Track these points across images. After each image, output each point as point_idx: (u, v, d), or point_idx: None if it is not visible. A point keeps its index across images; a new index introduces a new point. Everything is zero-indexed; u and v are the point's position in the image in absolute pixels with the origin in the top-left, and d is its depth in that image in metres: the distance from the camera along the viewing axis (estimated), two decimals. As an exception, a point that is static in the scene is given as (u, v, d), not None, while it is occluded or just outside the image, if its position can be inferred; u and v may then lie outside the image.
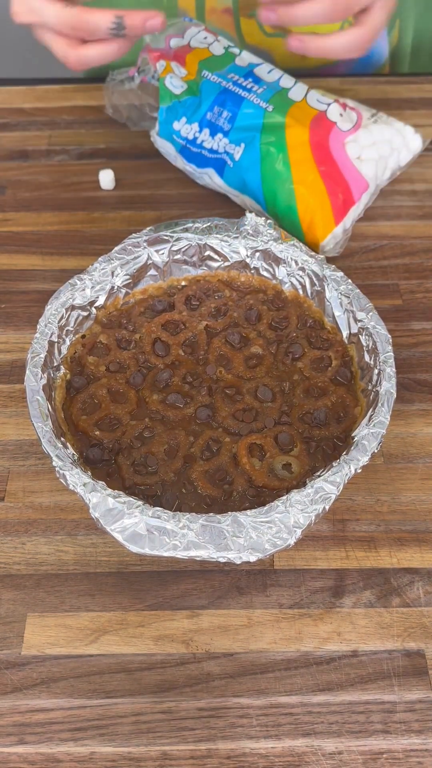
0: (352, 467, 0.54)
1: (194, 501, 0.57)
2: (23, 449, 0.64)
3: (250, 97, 0.74)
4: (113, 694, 0.53)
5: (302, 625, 0.55)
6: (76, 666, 0.54)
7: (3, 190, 0.82)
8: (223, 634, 0.55)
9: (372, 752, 0.50)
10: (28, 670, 0.54)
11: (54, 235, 0.78)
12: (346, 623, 0.55)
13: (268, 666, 0.54)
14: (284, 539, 0.51)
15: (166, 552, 0.50)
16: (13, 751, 0.51)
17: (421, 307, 0.72)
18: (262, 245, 0.68)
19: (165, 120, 0.78)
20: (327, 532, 0.59)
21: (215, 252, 0.69)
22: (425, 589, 0.57)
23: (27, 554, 0.58)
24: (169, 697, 0.52)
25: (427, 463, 0.63)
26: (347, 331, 0.64)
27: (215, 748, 0.51)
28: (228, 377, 0.64)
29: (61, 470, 0.53)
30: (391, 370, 0.59)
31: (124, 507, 0.51)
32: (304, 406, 0.62)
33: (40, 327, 0.62)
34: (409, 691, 0.53)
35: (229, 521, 0.51)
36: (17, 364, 0.69)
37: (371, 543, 0.59)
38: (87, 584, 0.57)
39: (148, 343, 0.65)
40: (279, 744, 0.51)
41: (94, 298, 0.66)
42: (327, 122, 0.73)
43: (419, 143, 0.78)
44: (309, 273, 0.67)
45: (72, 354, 0.64)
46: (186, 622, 0.55)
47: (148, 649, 0.54)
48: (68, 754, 0.50)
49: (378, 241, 0.77)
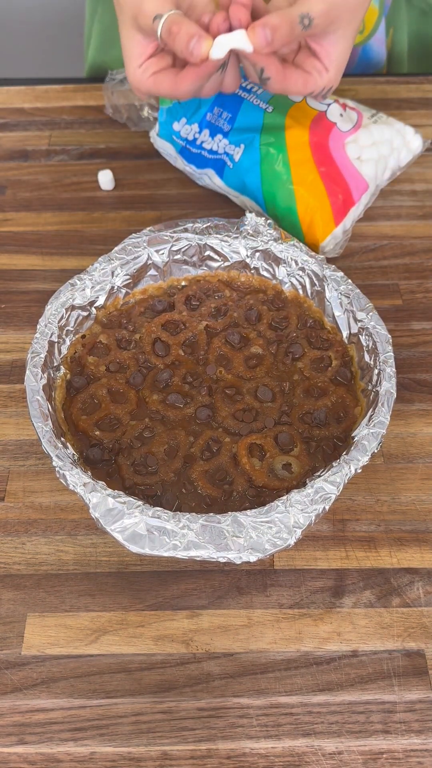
0: (352, 467, 0.54)
1: (194, 501, 0.57)
2: (23, 449, 0.64)
3: (250, 97, 0.74)
4: (113, 694, 0.53)
5: (302, 625, 0.55)
6: (76, 666, 0.54)
7: (3, 190, 0.82)
8: (223, 634, 0.55)
9: (372, 752, 0.50)
10: (28, 670, 0.54)
11: (54, 235, 0.78)
12: (346, 623, 0.55)
13: (268, 666, 0.54)
14: (284, 539, 0.51)
15: (166, 552, 0.50)
16: (13, 751, 0.51)
17: (421, 307, 0.72)
18: (262, 245, 0.68)
19: (165, 120, 0.78)
20: (327, 532, 0.59)
21: (215, 252, 0.69)
22: (425, 589, 0.57)
23: (27, 554, 0.58)
24: (169, 697, 0.52)
25: (427, 463, 0.63)
26: (347, 331, 0.64)
27: (215, 748, 0.51)
28: (228, 377, 0.64)
29: (61, 470, 0.53)
30: (391, 370, 0.59)
31: (124, 507, 0.51)
32: (304, 406, 0.62)
33: (40, 327, 0.62)
34: (409, 691, 0.53)
35: (229, 521, 0.51)
36: (17, 364, 0.69)
37: (371, 543, 0.59)
38: (87, 584, 0.57)
39: (148, 343, 0.65)
40: (279, 744, 0.51)
41: (94, 298, 0.66)
42: (327, 123, 0.73)
43: (419, 143, 0.78)
44: (309, 273, 0.67)
45: (72, 354, 0.64)
46: (186, 622, 0.55)
47: (148, 649, 0.54)
48: (68, 754, 0.50)
49: (378, 241, 0.77)
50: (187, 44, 0.60)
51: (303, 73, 0.65)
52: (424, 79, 0.91)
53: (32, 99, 0.90)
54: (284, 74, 0.64)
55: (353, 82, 0.90)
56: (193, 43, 0.60)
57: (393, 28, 0.93)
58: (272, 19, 0.60)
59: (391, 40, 0.94)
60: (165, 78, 0.64)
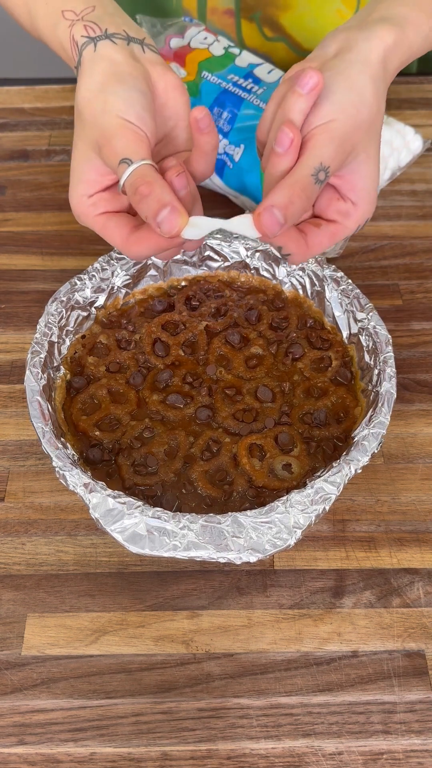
0: (352, 467, 0.54)
1: (194, 501, 0.57)
2: (23, 449, 0.64)
3: (250, 98, 0.74)
4: (113, 694, 0.53)
5: (302, 626, 0.55)
6: (76, 666, 0.54)
7: (3, 190, 0.82)
8: (223, 634, 0.55)
9: (372, 753, 0.50)
10: (28, 670, 0.54)
11: (54, 235, 0.78)
12: (347, 624, 0.55)
13: (268, 666, 0.54)
14: (284, 540, 0.51)
15: (166, 552, 0.50)
16: (13, 752, 0.51)
17: (421, 308, 0.72)
18: (262, 245, 0.68)
19: (165, 120, 0.78)
20: (327, 533, 0.59)
21: (215, 252, 0.69)
22: (425, 589, 0.57)
23: (27, 554, 0.58)
24: (170, 698, 0.52)
25: (427, 463, 0.63)
26: (347, 332, 0.64)
27: (215, 749, 0.51)
28: (228, 377, 0.64)
29: (61, 470, 0.53)
30: (391, 370, 0.59)
31: (124, 507, 0.51)
32: (304, 406, 0.62)
33: (40, 327, 0.62)
34: (409, 692, 0.53)
35: (229, 522, 0.51)
36: (17, 364, 0.68)
37: (371, 543, 0.59)
38: (87, 584, 0.57)
39: (148, 344, 0.65)
40: (279, 744, 0.51)
41: (94, 298, 0.66)
42: (327, 122, 0.73)
43: (419, 144, 0.78)
44: (309, 273, 0.67)
45: (72, 354, 0.64)
46: (186, 623, 0.55)
47: (148, 650, 0.54)
48: (68, 754, 0.50)
49: (378, 241, 0.77)
50: (156, 214, 0.48)
51: (327, 227, 0.54)
52: (424, 79, 0.91)
53: (32, 99, 0.90)
54: (306, 243, 0.53)
55: (353, 82, 0.90)
56: (164, 215, 0.48)
57: None
58: (279, 197, 0.49)
59: None
60: (116, 227, 0.53)
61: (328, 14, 0.88)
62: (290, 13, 0.87)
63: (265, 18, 0.88)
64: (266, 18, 0.88)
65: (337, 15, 0.89)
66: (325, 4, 0.87)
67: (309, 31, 0.89)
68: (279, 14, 0.87)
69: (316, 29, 0.89)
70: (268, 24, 0.88)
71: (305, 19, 0.88)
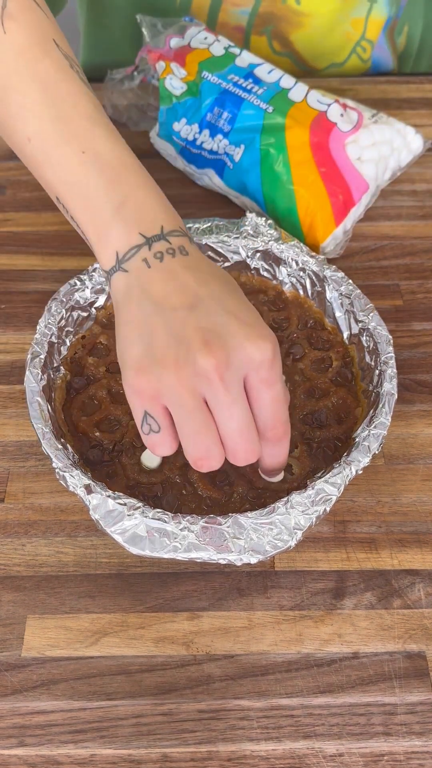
0: (353, 468, 0.54)
1: (195, 502, 0.57)
2: (23, 450, 0.63)
3: (250, 98, 0.74)
4: (113, 696, 0.53)
5: (303, 627, 0.55)
6: (77, 668, 0.54)
7: (3, 190, 0.82)
8: (223, 635, 0.55)
9: (373, 754, 0.50)
10: (28, 672, 0.53)
11: (54, 235, 0.78)
12: (347, 625, 0.55)
13: (268, 668, 0.54)
14: (285, 541, 0.51)
15: (167, 554, 0.50)
16: (13, 753, 0.50)
17: (422, 308, 0.72)
18: (262, 246, 0.68)
19: (165, 121, 0.78)
20: (328, 534, 0.59)
21: (215, 252, 0.69)
22: (426, 590, 0.57)
23: (27, 556, 0.58)
24: (170, 699, 0.52)
25: (428, 464, 0.63)
26: (348, 332, 0.64)
27: (216, 750, 0.50)
28: (228, 378, 0.64)
29: (61, 471, 0.53)
30: (392, 370, 0.59)
31: (125, 509, 0.51)
32: (305, 407, 0.62)
33: (40, 327, 0.62)
34: (410, 693, 0.52)
35: (229, 523, 0.51)
36: (17, 364, 0.68)
37: (372, 544, 0.59)
38: (87, 586, 0.57)
39: (148, 344, 0.65)
40: (280, 746, 0.51)
41: (94, 298, 0.66)
42: (327, 123, 0.73)
43: (420, 144, 0.77)
44: (309, 273, 0.66)
45: (72, 355, 0.64)
46: (186, 624, 0.55)
47: (148, 651, 0.54)
48: (68, 756, 0.50)
49: (378, 241, 0.77)
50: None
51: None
52: (425, 79, 0.91)
53: (32, 99, 0.90)
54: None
55: (353, 82, 0.90)
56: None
57: (408, 25, 0.92)
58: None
59: (405, 38, 0.94)
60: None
61: (337, 35, 0.89)
62: (302, 31, 0.88)
63: (276, 33, 0.88)
64: (277, 33, 0.88)
65: (345, 36, 0.90)
66: (336, 26, 0.88)
67: (316, 48, 0.90)
68: (290, 31, 0.87)
69: (324, 48, 0.90)
70: (278, 39, 0.89)
71: (314, 38, 0.89)
